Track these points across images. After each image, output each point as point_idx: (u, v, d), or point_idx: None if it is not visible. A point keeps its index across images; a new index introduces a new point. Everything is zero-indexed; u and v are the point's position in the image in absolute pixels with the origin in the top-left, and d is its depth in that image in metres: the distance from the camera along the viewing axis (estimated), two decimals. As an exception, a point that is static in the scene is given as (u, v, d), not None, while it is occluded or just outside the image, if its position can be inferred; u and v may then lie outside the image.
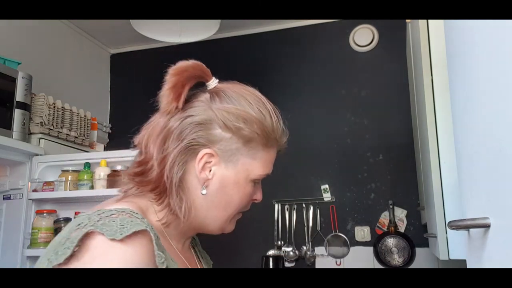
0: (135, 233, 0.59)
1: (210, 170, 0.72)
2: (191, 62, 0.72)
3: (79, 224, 0.60)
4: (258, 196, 0.79)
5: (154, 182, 0.70)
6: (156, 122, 0.75)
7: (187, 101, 0.73)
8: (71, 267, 0.57)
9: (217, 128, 0.71)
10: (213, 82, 0.74)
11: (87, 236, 0.58)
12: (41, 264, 0.61)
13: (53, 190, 2.06)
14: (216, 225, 0.75)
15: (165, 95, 0.72)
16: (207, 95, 0.73)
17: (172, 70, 0.71)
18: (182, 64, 0.71)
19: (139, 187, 0.72)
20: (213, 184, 0.72)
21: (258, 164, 0.74)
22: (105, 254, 0.57)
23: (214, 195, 0.72)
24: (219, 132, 0.71)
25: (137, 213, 0.63)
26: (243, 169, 0.73)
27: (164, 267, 0.61)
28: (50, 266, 0.57)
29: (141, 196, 0.72)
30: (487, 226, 0.62)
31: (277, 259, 2.66)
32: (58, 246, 0.59)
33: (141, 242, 0.59)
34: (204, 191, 0.71)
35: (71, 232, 0.60)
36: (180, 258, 0.74)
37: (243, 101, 0.73)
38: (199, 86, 0.76)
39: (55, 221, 2.03)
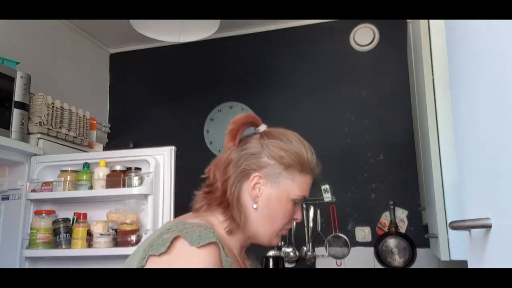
0: (209, 244, 0.80)
1: (259, 189, 0.92)
2: (246, 114, 0.97)
3: (169, 229, 0.83)
4: (298, 216, 0.98)
5: (219, 198, 0.93)
6: (220, 157, 0.98)
7: (243, 139, 0.97)
8: (163, 258, 0.79)
9: (264, 157, 0.93)
10: (262, 127, 0.98)
11: (175, 238, 0.80)
12: (137, 253, 0.84)
13: (51, 190, 2.05)
14: (266, 236, 0.95)
15: (226, 138, 0.96)
16: (257, 135, 0.97)
17: (231, 121, 0.96)
18: (238, 115, 0.96)
19: (209, 203, 0.94)
20: (261, 200, 0.92)
21: (296, 186, 0.93)
22: (187, 256, 0.79)
23: (262, 209, 0.93)
24: (266, 160, 0.93)
25: (209, 228, 0.84)
26: (284, 189, 0.93)
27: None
28: (145, 255, 0.80)
29: (209, 213, 0.94)
30: (488, 226, 0.62)
31: (277, 259, 2.65)
32: (153, 242, 0.82)
33: (213, 250, 0.81)
34: (255, 206, 0.92)
35: (163, 234, 0.82)
36: (239, 263, 0.94)
37: (284, 138, 0.95)
38: None
39: (54, 222, 2.02)
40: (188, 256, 0.79)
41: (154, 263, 0.79)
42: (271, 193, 0.92)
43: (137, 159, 2.03)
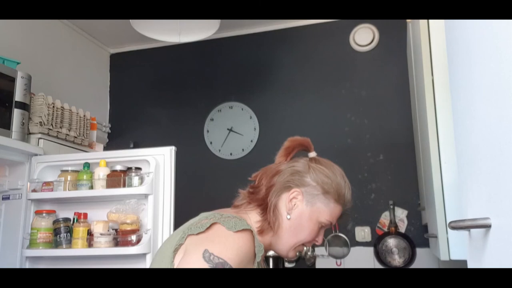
0: (243, 230, 0.90)
1: (295, 204, 1.02)
2: (304, 138, 1.09)
3: (207, 217, 0.93)
4: (319, 239, 1.07)
5: (260, 200, 1.03)
6: (270, 166, 1.08)
7: (293, 158, 1.07)
8: (199, 235, 0.89)
9: (308, 178, 1.03)
10: (313, 153, 1.08)
11: (213, 223, 0.91)
12: (176, 235, 0.94)
13: (52, 190, 2.05)
14: (286, 246, 1.03)
15: (280, 152, 1.07)
16: (307, 158, 1.07)
17: (289, 138, 1.08)
18: (296, 137, 1.08)
19: (250, 202, 1.04)
20: (294, 214, 1.02)
21: (328, 211, 1.03)
22: (223, 235, 0.89)
23: (292, 221, 1.01)
24: (308, 180, 1.03)
25: (244, 220, 0.95)
26: (317, 211, 1.02)
27: (261, 254, 0.93)
28: (184, 235, 0.91)
29: (246, 211, 1.03)
30: (488, 226, 0.62)
31: (277, 259, 2.65)
32: (192, 225, 0.93)
33: (247, 235, 0.91)
34: (288, 216, 1.01)
35: (201, 220, 0.93)
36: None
37: (330, 168, 1.06)
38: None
39: (54, 221, 2.02)
40: (224, 236, 0.88)
41: (190, 240, 0.89)
42: (304, 210, 1.01)
43: (137, 159, 2.03)
